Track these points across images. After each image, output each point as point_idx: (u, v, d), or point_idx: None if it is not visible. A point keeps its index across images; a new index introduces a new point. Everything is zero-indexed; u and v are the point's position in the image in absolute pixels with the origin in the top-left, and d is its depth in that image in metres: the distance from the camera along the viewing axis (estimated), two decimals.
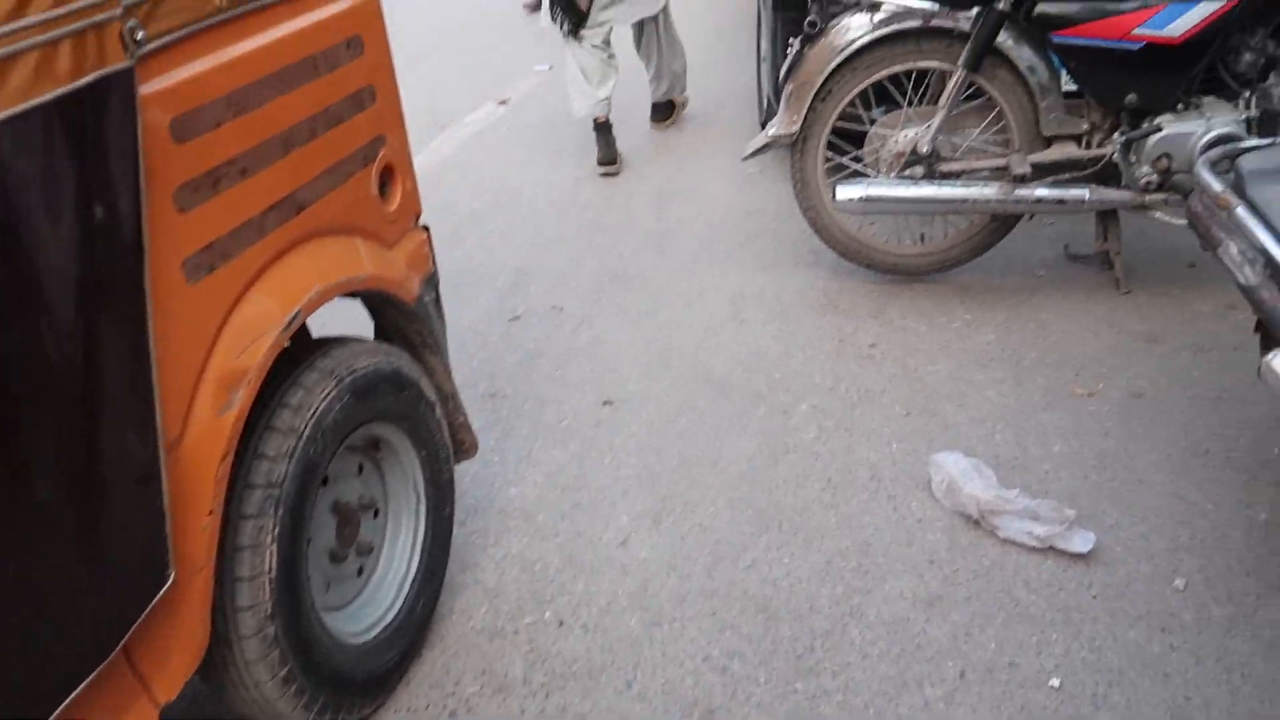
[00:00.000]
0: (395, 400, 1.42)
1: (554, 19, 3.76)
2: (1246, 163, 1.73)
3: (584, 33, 3.72)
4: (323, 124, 1.29)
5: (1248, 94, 2.31)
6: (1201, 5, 2.17)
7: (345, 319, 1.62)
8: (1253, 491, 1.84)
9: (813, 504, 1.96)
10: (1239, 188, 1.69)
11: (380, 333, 1.60)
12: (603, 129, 3.89)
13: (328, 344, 1.33)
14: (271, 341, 1.17)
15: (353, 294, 1.42)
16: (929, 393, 2.26)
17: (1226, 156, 1.81)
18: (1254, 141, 1.86)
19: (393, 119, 1.48)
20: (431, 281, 1.60)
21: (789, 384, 2.37)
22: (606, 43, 3.80)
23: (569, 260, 3.18)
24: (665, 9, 3.96)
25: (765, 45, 3.73)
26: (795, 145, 2.60)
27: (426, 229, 1.64)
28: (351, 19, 1.35)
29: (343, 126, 1.33)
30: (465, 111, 5.07)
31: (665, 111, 4.44)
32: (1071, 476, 1.95)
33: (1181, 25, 2.19)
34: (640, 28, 3.99)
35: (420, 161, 4.28)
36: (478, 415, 2.39)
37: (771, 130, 2.60)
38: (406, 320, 1.52)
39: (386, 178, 1.47)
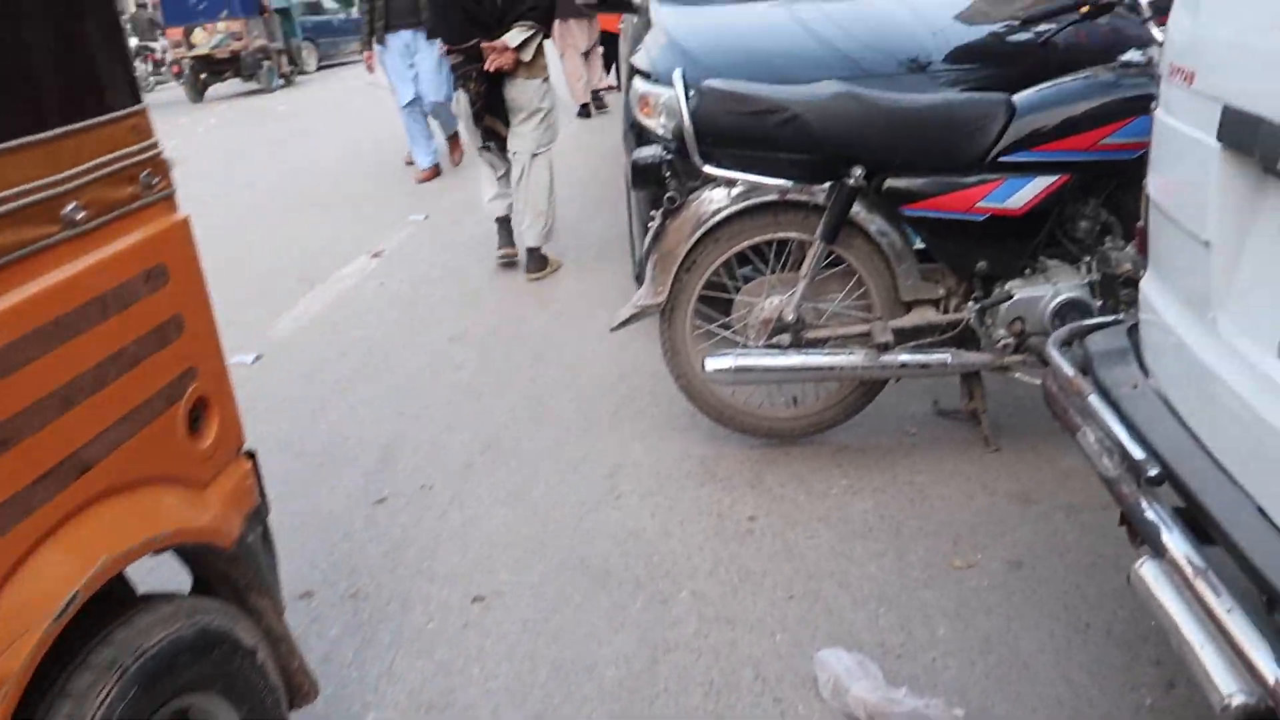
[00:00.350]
0: (202, 666, 1.23)
1: (481, 146, 4.38)
2: (1094, 343, 1.76)
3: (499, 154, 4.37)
4: (114, 370, 1.15)
5: (1088, 258, 2.41)
6: (1037, 180, 2.27)
7: None
8: (1135, 672, 1.80)
9: (695, 712, 1.82)
10: (1089, 369, 1.72)
11: (198, 580, 1.41)
12: (503, 222, 4.54)
13: (112, 621, 1.14)
14: (38, 639, 0.99)
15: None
16: (811, 571, 2.19)
17: (1075, 335, 1.86)
18: (1099, 319, 1.90)
19: (206, 346, 1.35)
20: (257, 516, 1.44)
21: (668, 567, 2.26)
22: (514, 155, 4.31)
23: (440, 431, 3.04)
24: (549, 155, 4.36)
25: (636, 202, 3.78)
26: (663, 315, 2.58)
27: (252, 455, 1.49)
28: (152, 248, 1.23)
29: (142, 367, 1.19)
30: (337, 265, 4.97)
31: (540, 262, 4.45)
32: (959, 664, 1.87)
33: (1021, 198, 2.28)
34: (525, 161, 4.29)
35: (288, 322, 4.20)
36: (336, 620, 2.20)
37: (639, 301, 2.58)
38: (227, 564, 1.36)
39: (200, 411, 1.33)
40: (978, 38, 3.31)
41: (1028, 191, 2.28)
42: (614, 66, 9.98)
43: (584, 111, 8.88)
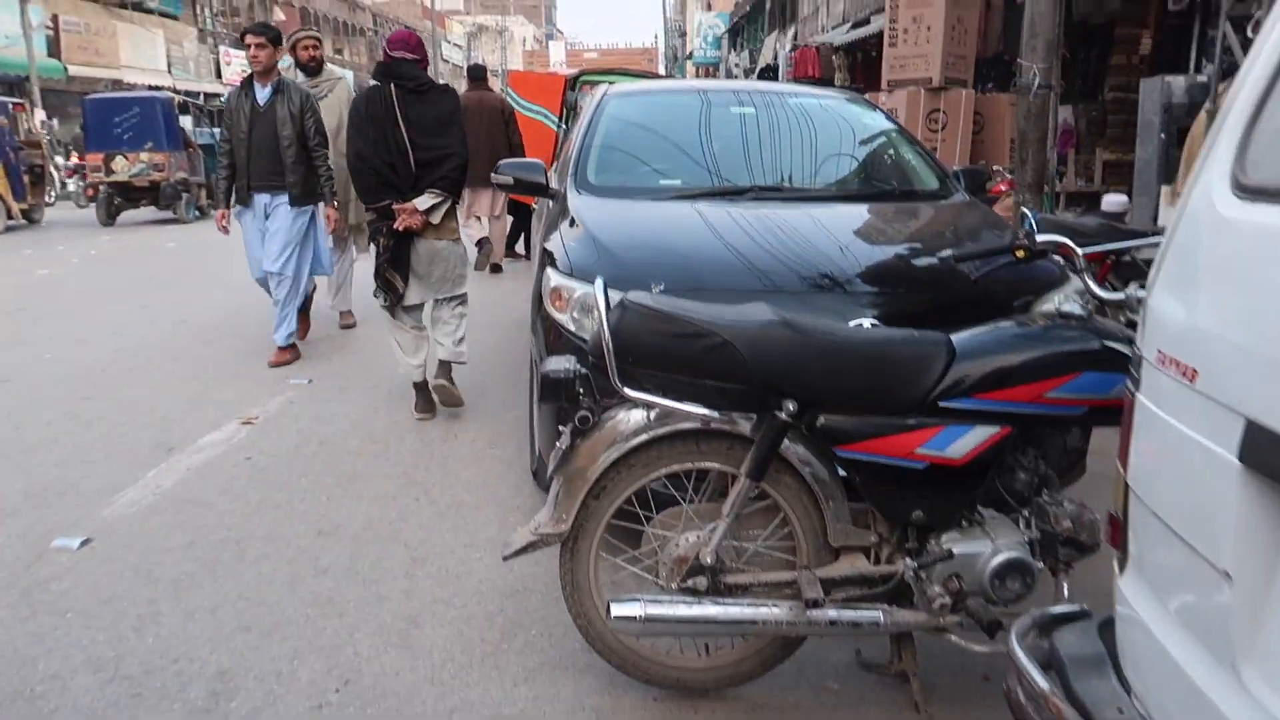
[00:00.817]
0: None
1: (376, 296, 4.53)
2: (1065, 645, 1.53)
3: (400, 310, 4.51)
4: None
5: (1026, 512, 2.24)
6: (978, 429, 2.11)
7: None
8: None
9: None
10: (1062, 675, 1.48)
11: None
12: (420, 388, 4.66)
13: None
14: None
15: None
16: None
17: (1039, 625, 1.63)
18: (1064, 609, 1.69)
19: None
20: None
21: None
22: (419, 320, 4.61)
23: (290, 657, 2.58)
24: (464, 295, 4.68)
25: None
26: (565, 545, 2.27)
27: None
28: None
29: None
30: (202, 431, 4.50)
31: (447, 371, 4.69)
32: None
33: (962, 448, 2.11)
34: (435, 303, 4.65)
35: (133, 497, 3.67)
36: None
37: (539, 527, 2.26)
38: None
39: None
40: (887, 258, 3.28)
41: (969, 441, 2.11)
42: (523, 234, 10.02)
43: (482, 263, 8.89)
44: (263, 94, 5.51)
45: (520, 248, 10.04)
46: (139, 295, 8.28)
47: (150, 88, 25.80)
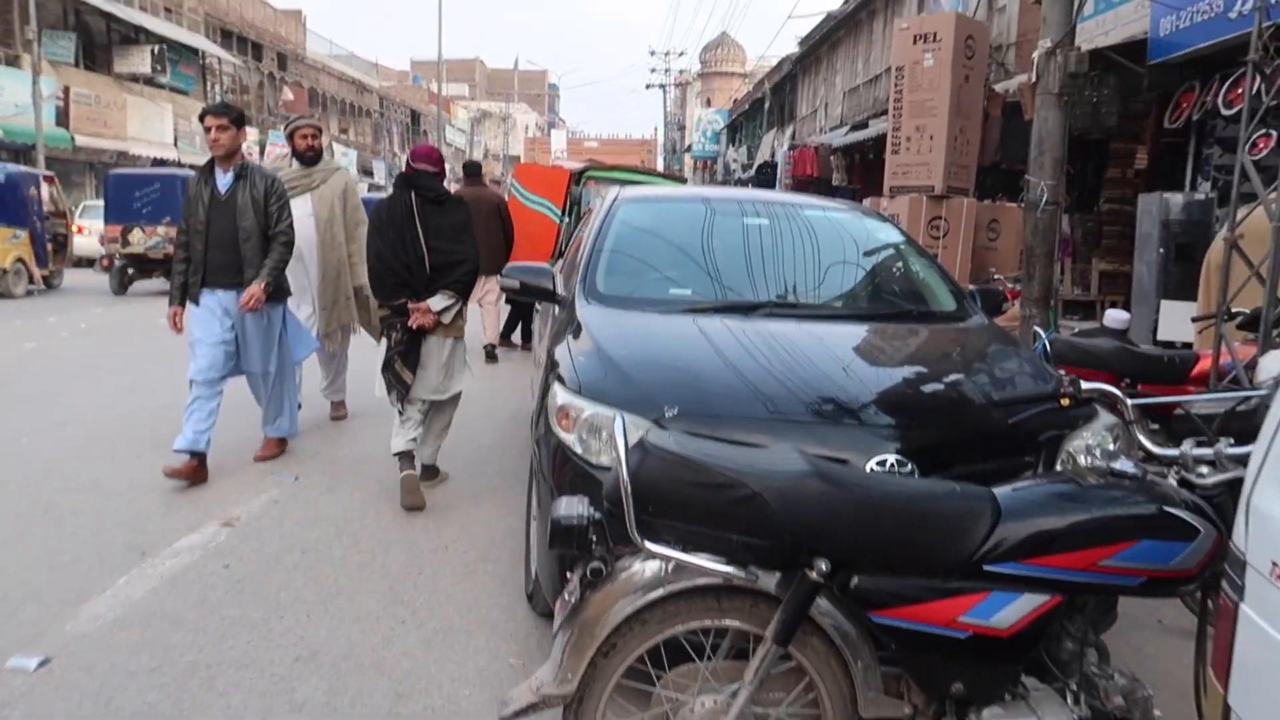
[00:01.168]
0: None
1: (387, 390, 4.70)
2: None
3: (405, 399, 4.68)
4: None
5: (1074, 685, 2.05)
6: (1026, 597, 1.94)
7: None
8: None
9: None
10: None
11: None
12: (404, 456, 4.73)
13: None
14: None
15: None
16: None
17: None
18: None
19: None
20: None
21: None
22: (424, 406, 4.77)
23: None
24: (458, 395, 4.99)
25: (536, 507, 3.36)
26: (569, 708, 2.06)
27: None
28: None
29: None
30: (179, 532, 4.27)
31: (432, 473, 5.07)
32: None
33: (1008, 617, 1.94)
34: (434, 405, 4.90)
35: (98, 609, 3.39)
36: None
37: (541, 687, 2.05)
38: None
39: None
40: (909, 389, 3.14)
41: (1016, 610, 1.94)
42: (521, 324, 9.93)
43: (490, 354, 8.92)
44: (223, 180, 5.01)
45: (517, 337, 9.94)
46: (128, 373, 8.08)
47: (155, 160, 26.09)
